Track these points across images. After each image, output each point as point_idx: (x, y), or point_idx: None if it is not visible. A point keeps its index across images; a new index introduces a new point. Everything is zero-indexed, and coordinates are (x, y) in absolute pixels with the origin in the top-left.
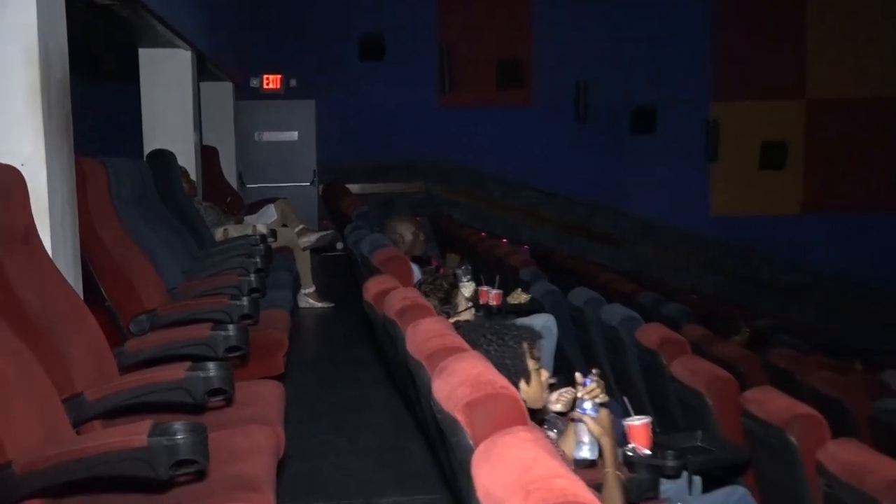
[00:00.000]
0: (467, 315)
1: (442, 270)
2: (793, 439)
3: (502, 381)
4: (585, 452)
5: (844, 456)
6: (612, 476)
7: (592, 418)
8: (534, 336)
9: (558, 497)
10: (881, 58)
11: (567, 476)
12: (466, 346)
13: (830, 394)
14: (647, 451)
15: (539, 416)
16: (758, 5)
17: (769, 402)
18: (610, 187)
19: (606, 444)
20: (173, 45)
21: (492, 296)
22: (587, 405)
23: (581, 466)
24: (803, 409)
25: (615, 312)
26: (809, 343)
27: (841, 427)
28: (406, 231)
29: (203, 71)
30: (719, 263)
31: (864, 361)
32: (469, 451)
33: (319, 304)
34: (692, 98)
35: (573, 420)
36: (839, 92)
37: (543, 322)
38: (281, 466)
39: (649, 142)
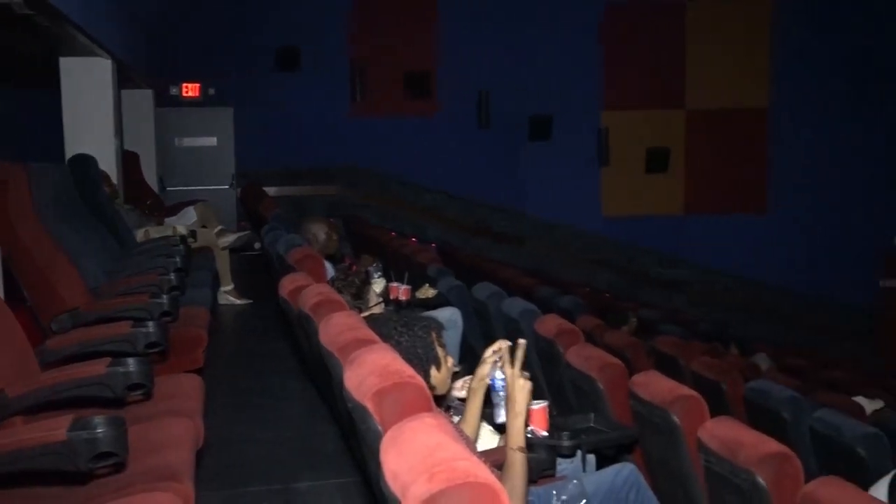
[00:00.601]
0: (378, 309)
1: (355, 268)
2: (676, 419)
3: (409, 370)
4: (503, 418)
5: (721, 433)
6: (517, 456)
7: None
8: (439, 326)
9: (460, 478)
10: (750, 72)
11: (469, 458)
12: (377, 338)
13: (709, 376)
14: (545, 433)
15: (444, 403)
16: (643, 24)
17: (654, 385)
18: (509, 190)
19: (518, 424)
20: (94, 54)
21: (401, 291)
22: (499, 374)
23: (502, 432)
24: (685, 390)
25: (515, 305)
26: (690, 331)
27: (718, 406)
28: (320, 231)
29: (124, 79)
30: (610, 260)
31: (738, 346)
32: (378, 437)
33: (238, 301)
34: (584, 107)
35: (493, 389)
36: (714, 103)
37: (449, 315)
38: (201, 456)
39: (545, 148)
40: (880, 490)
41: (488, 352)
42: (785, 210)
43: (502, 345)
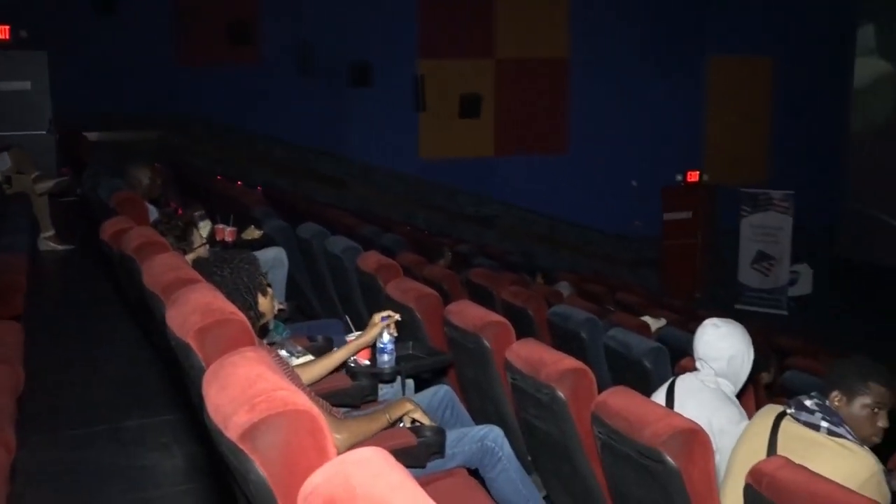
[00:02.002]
0: (202, 251)
1: (181, 212)
2: (486, 342)
3: (231, 307)
4: (385, 358)
5: (526, 353)
6: (382, 421)
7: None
8: (254, 259)
9: (280, 406)
10: (553, 25)
11: (288, 388)
12: (199, 278)
13: (517, 304)
14: (367, 362)
15: (269, 339)
16: None
17: (467, 313)
18: (333, 135)
19: (399, 413)
20: None
21: (227, 233)
22: (386, 336)
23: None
24: (494, 317)
25: (338, 243)
26: (501, 263)
27: (526, 330)
28: (143, 176)
29: None
30: (428, 200)
31: (543, 276)
32: (201, 373)
33: (59, 247)
34: (402, 55)
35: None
36: (521, 52)
37: (275, 254)
38: (22, 403)
39: (366, 94)
40: (660, 395)
41: (376, 317)
42: (583, 151)
43: (392, 315)
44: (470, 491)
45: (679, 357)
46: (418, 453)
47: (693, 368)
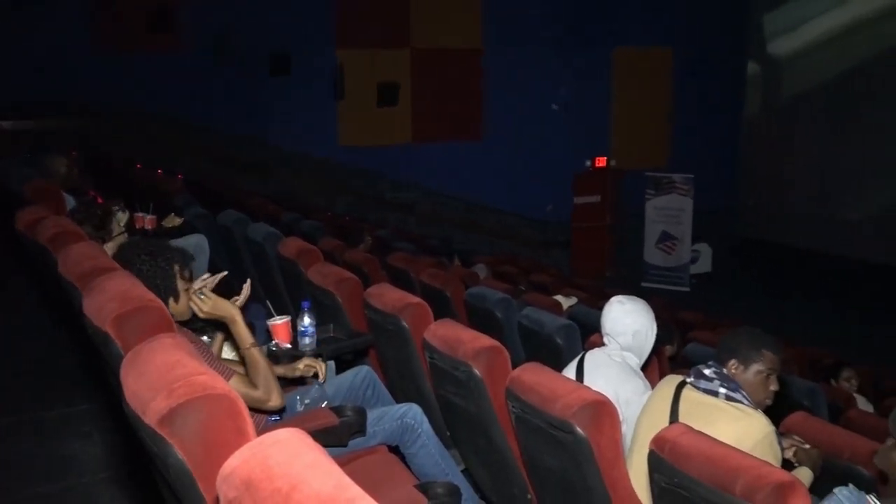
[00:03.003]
0: (121, 239)
1: (101, 200)
2: (405, 323)
3: (149, 295)
4: (306, 341)
5: (443, 333)
6: (253, 352)
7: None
8: (186, 258)
9: (198, 391)
10: (466, 16)
11: (207, 372)
12: (117, 266)
13: (435, 285)
14: (288, 345)
15: (191, 325)
16: None
17: (386, 296)
18: (254, 123)
19: (237, 329)
20: None
21: (146, 220)
22: (307, 320)
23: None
24: (412, 299)
25: (259, 230)
26: (420, 247)
27: (444, 311)
28: (60, 165)
29: None
30: (348, 186)
31: (460, 259)
32: (120, 360)
33: None
34: (321, 44)
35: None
36: (436, 43)
37: (196, 241)
38: None
39: (285, 82)
40: (570, 369)
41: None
42: (497, 138)
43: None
44: (391, 467)
45: (589, 333)
46: (340, 432)
47: (601, 344)
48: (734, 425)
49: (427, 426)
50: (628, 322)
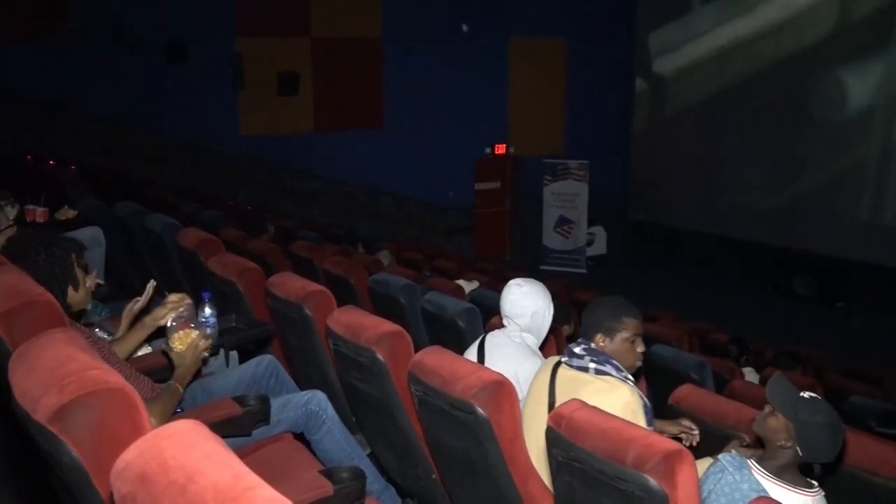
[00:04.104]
0: (10, 233)
1: None
2: (308, 311)
3: (38, 289)
4: (207, 332)
5: (346, 319)
6: (177, 390)
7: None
8: (80, 247)
9: (91, 386)
10: (364, 4)
11: (100, 367)
12: (4, 261)
13: (339, 273)
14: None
15: (87, 319)
16: None
17: (289, 285)
18: (152, 112)
19: (183, 373)
20: None
21: (38, 213)
22: (208, 311)
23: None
24: (315, 287)
25: (158, 221)
26: (324, 236)
27: (347, 298)
28: None
29: None
30: (250, 176)
31: (364, 246)
32: (8, 357)
33: None
34: (220, 33)
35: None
36: (336, 31)
37: (91, 234)
38: None
39: (184, 71)
40: (472, 351)
41: (172, 297)
42: (398, 127)
43: (185, 299)
44: (296, 453)
45: (490, 315)
46: (243, 422)
47: (501, 325)
48: (597, 396)
49: (332, 412)
50: (526, 304)
